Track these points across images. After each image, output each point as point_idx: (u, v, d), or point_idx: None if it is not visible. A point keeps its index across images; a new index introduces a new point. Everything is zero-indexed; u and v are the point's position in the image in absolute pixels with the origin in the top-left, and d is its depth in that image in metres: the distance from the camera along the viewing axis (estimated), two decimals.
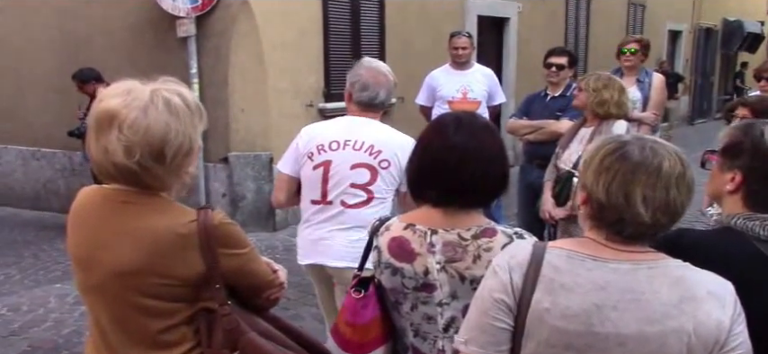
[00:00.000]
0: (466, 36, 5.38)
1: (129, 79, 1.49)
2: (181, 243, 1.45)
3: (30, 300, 4.80)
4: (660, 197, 1.26)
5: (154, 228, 1.45)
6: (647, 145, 1.29)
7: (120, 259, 1.45)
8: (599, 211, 1.30)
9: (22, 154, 7.74)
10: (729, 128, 1.69)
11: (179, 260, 1.45)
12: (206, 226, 1.47)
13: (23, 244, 6.29)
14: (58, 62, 7.02)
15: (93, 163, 1.49)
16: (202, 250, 1.46)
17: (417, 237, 1.62)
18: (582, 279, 1.27)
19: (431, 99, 5.36)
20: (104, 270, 1.47)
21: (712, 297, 1.24)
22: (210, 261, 1.47)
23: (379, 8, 7.36)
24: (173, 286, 1.46)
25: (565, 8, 10.87)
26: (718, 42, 17.79)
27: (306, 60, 6.72)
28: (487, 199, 1.66)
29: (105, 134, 1.41)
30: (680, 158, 1.29)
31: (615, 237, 1.30)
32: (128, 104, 1.41)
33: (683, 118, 15.78)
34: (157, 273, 1.45)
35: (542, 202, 3.70)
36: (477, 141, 1.60)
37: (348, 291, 1.73)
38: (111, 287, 1.47)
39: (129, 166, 1.41)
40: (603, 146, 1.33)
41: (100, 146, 1.43)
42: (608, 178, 1.27)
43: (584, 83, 3.56)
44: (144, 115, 1.41)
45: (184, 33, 6.14)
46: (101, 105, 1.45)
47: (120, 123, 1.40)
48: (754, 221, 1.50)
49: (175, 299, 1.48)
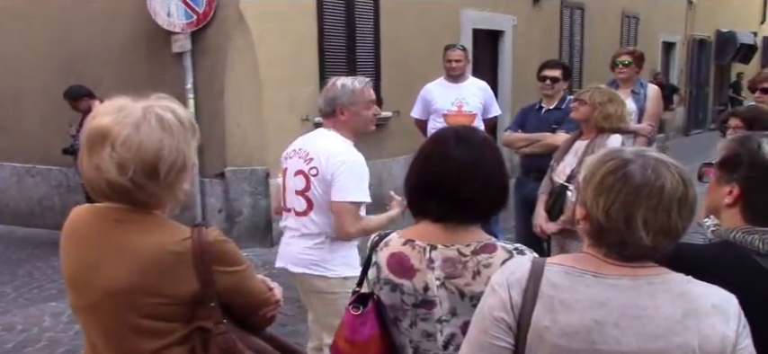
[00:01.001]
0: (460, 49, 5.40)
1: (122, 96, 1.48)
2: (175, 262, 1.43)
3: (24, 319, 4.76)
4: (661, 220, 1.24)
5: (148, 246, 1.43)
6: (649, 164, 1.26)
7: (114, 278, 1.43)
8: (598, 231, 1.28)
9: (16, 170, 7.71)
10: (726, 140, 1.69)
11: (173, 278, 1.44)
12: (201, 244, 1.45)
13: (18, 262, 6.24)
14: (53, 78, 7.01)
15: (86, 181, 1.48)
16: (197, 268, 1.44)
17: (416, 253, 1.61)
18: (581, 296, 1.25)
19: (426, 112, 5.37)
20: (98, 290, 1.45)
21: (717, 311, 1.22)
22: (205, 279, 1.45)
23: (375, 22, 7.39)
24: (167, 305, 1.44)
25: (559, 21, 10.92)
26: (712, 53, 17.90)
27: (301, 74, 6.72)
28: (488, 214, 1.65)
29: (98, 151, 1.41)
30: (682, 177, 1.26)
31: (615, 255, 1.28)
32: (120, 121, 1.41)
33: (679, 129, 15.84)
34: (151, 292, 1.43)
35: (535, 216, 3.68)
36: (477, 155, 1.60)
37: (347, 308, 1.71)
38: (105, 307, 1.45)
39: (122, 183, 1.40)
40: (604, 162, 1.30)
41: (92, 164, 1.42)
42: (609, 200, 1.25)
43: (587, 96, 3.54)
44: (136, 132, 1.40)
45: (180, 48, 6.15)
46: (93, 123, 1.45)
47: (112, 140, 1.39)
48: (753, 235, 1.49)
49: (170, 319, 1.46)
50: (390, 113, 7.60)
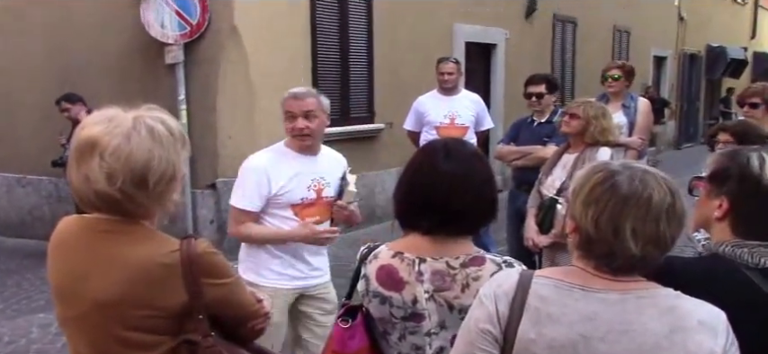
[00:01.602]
0: (453, 62, 5.42)
1: (113, 106, 1.47)
2: (164, 274, 1.42)
3: (11, 330, 4.71)
4: (650, 230, 1.24)
5: (136, 258, 1.42)
6: (636, 175, 1.27)
7: (102, 290, 1.41)
8: (587, 243, 1.28)
9: (7, 180, 7.66)
10: (716, 154, 1.70)
11: (162, 290, 1.42)
12: (189, 256, 1.44)
13: (6, 273, 6.18)
14: (46, 88, 6.98)
15: (74, 192, 1.46)
16: (186, 280, 1.43)
17: (405, 265, 1.60)
18: (569, 310, 1.25)
19: (418, 124, 5.38)
20: (85, 301, 1.43)
21: (704, 327, 1.22)
22: (194, 292, 1.44)
23: (368, 35, 7.41)
24: (155, 317, 1.43)
25: (551, 35, 11.00)
26: (703, 68, 18.06)
27: (294, 86, 6.69)
28: (477, 227, 1.65)
29: (86, 161, 1.40)
30: (669, 189, 1.27)
31: (604, 268, 1.28)
32: (110, 131, 1.40)
33: (670, 142, 15.94)
34: (140, 304, 1.41)
35: (526, 229, 3.68)
36: (466, 169, 1.60)
37: (336, 321, 1.70)
38: (93, 319, 1.44)
39: (111, 193, 1.39)
40: (593, 174, 1.31)
41: (81, 174, 1.41)
42: (597, 210, 1.25)
43: (580, 110, 3.54)
44: (127, 141, 1.39)
45: (173, 60, 6.14)
46: (82, 133, 1.43)
47: (101, 150, 1.39)
48: (742, 248, 1.50)
49: (158, 331, 1.44)
50: (383, 125, 7.62)
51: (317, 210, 2.83)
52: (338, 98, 7.20)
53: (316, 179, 2.83)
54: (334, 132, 7.12)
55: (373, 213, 7.64)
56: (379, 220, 7.58)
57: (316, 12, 6.82)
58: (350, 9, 7.18)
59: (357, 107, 7.43)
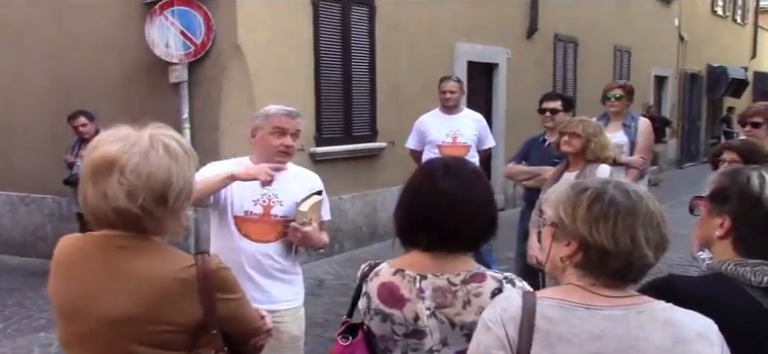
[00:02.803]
0: (455, 81, 5.44)
1: (121, 125, 1.49)
2: (181, 289, 1.43)
3: (12, 350, 4.70)
4: (656, 235, 1.29)
5: (154, 274, 1.43)
6: (627, 188, 1.33)
7: (118, 306, 1.42)
8: (600, 259, 1.29)
9: (10, 199, 7.68)
10: (716, 173, 1.71)
11: (178, 305, 1.43)
12: (205, 271, 1.46)
13: (8, 292, 6.18)
14: (49, 108, 7.03)
15: (88, 210, 1.46)
16: (201, 295, 1.45)
17: (406, 282, 1.61)
18: (577, 330, 1.25)
19: (421, 143, 5.39)
20: (99, 319, 1.43)
21: (701, 338, 1.24)
22: (208, 307, 1.45)
23: (370, 54, 7.46)
24: (171, 332, 1.44)
25: (553, 54, 11.05)
26: (704, 87, 18.11)
27: (297, 105, 6.63)
28: (476, 244, 1.66)
29: (104, 179, 1.40)
30: (650, 197, 1.34)
31: (614, 282, 1.30)
32: (127, 150, 1.42)
33: (672, 162, 15.94)
34: (157, 320, 1.42)
35: (529, 247, 3.69)
36: (465, 187, 1.61)
37: (336, 338, 1.71)
38: (105, 336, 1.43)
39: (132, 210, 1.40)
40: (580, 193, 1.33)
41: (98, 192, 1.41)
42: (610, 225, 1.28)
43: (579, 129, 3.57)
44: (145, 160, 1.41)
45: (176, 79, 6.18)
46: (97, 152, 1.43)
47: (121, 168, 1.40)
48: (745, 267, 1.50)
49: (172, 347, 1.45)
50: (385, 144, 7.64)
51: (263, 228, 2.69)
52: (341, 117, 7.23)
53: (267, 195, 2.69)
54: (336, 150, 7.16)
55: (375, 231, 7.64)
56: (382, 238, 7.57)
57: (318, 32, 6.87)
58: (352, 29, 7.24)
59: (359, 126, 7.46)
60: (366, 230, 7.62)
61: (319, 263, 6.83)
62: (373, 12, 7.43)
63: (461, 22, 8.83)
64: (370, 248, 7.32)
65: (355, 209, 7.51)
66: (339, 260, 7.00)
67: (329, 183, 8.13)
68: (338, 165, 7.24)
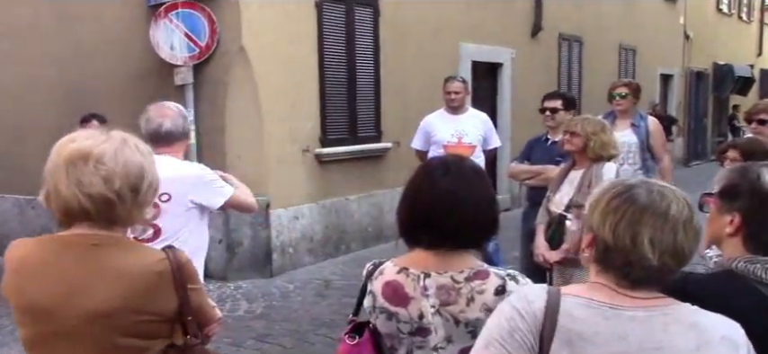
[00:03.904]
0: (460, 81, 5.44)
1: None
2: (158, 281, 1.51)
3: (19, 352, 4.70)
4: (668, 240, 1.25)
5: (131, 268, 1.49)
6: (654, 188, 1.30)
7: (99, 300, 1.46)
8: (605, 253, 1.29)
9: (18, 202, 7.72)
10: (725, 170, 1.70)
11: (158, 296, 1.51)
12: (178, 264, 1.55)
13: None
14: (56, 111, 7.06)
15: (60, 202, 1.49)
16: (176, 286, 1.53)
17: (411, 281, 1.62)
18: (601, 329, 1.24)
19: (426, 143, 5.39)
20: (81, 315, 1.47)
21: (726, 342, 1.23)
22: (182, 296, 1.55)
23: (375, 54, 7.47)
24: (151, 322, 1.52)
25: (558, 53, 11.04)
26: (710, 85, 18.05)
27: (302, 106, 6.77)
28: (478, 241, 1.67)
29: (79, 167, 1.46)
30: (687, 203, 1.29)
31: (623, 281, 1.28)
32: (101, 143, 1.49)
33: (679, 160, 15.89)
34: (139, 311, 1.49)
35: (535, 246, 3.68)
36: (465, 185, 1.62)
37: (343, 337, 1.71)
38: (88, 331, 1.48)
39: (107, 196, 1.46)
40: (611, 188, 1.33)
41: (70, 180, 1.46)
42: (615, 219, 1.27)
43: (579, 127, 3.57)
44: (121, 149, 1.50)
45: (182, 81, 6.20)
46: (71, 146, 1.49)
47: (97, 156, 1.47)
48: (755, 264, 1.49)
49: (151, 336, 1.53)
50: (390, 144, 7.65)
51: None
52: (346, 118, 7.24)
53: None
54: (342, 151, 7.17)
55: (382, 232, 7.64)
56: (388, 239, 7.58)
57: (323, 33, 6.89)
58: (357, 29, 7.25)
59: (364, 126, 7.47)
60: (372, 231, 7.63)
61: (326, 264, 6.84)
62: (377, 12, 7.44)
63: (466, 22, 8.83)
64: (377, 249, 7.32)
65: (361, 210, 7.52)
66: (345, 260, 7.01)
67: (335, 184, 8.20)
68: (344, 166, 7.25)
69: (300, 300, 5.65)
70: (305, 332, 4.90)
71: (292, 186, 6.68)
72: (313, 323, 5.07)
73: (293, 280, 6.20)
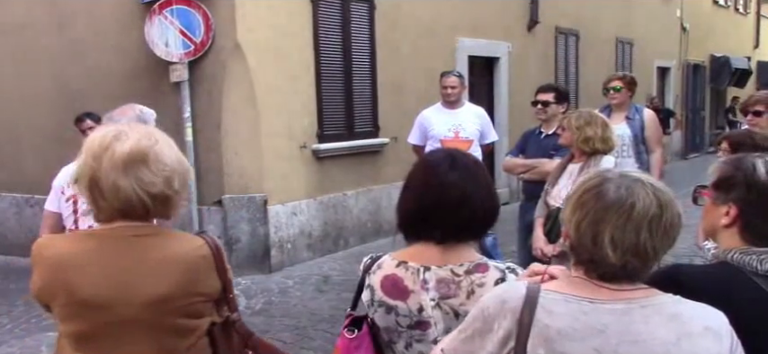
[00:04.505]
0: (456, 75, 5.43)
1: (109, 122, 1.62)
2: (204, 264, 1.64)
3: (20, 349, 4.72)
4: (629, 239, 1.23)
5: (181, 254, 1.61)
6: (624, 183, 1.26)
7: (157, 286, 1.56)
8: (572, 248, 1.29)
9: (16, 201, 7.70)
10: (719, 162, 1.70)
11: (205, 279, 1.64)
12: (216, 247, 1.69)
13: (16, 292, 6.20)
14: (52, 110, 7.05)
15: (120, 198, 1.53)
16: (217, 267, 1.67)
17: (410, 274, 1.62)
18: (579, 324, 1.23)
19: (423, 138, 5.38)
20: (139, 302, 1.55)
21: (709, 332, 1.22)
22: (223, 276, 1.69)
23: (371, 49, 7.45)
24: (200, 303, 1.64)
25: (554, 47, 11.03)
26: (707, 78, 18.05)
27: (299, 102, 6.76)
28: (481, 233, 1.67)
29: (139, 168, 1.54)
30: (659, 199, 1.25)
31: (593, 275, 1.28)
32: (154, 142, 1.57)
33: (677, 153, 15.90)
34: (191, 293, 1.61)
35: (534, 239, 3.69)
36: (472, 178, 1.63)
37: (341, 331, 1.71)
38: (146, 317, 1.56)
39: (167, 194, 1.57)
40: (588, 180, 1.32)
41: (128, 181, 1.53)
42: (580, 216, 1.26)
43: (566, 121, 3.61)
44: (170, 148, 1.60)
45: (177, 78, 6.19)
46: (124, 146, 1.53)
47: (155, 157, 1.55)
48: (750, 255, 1.49)
49: (199, 315, 1.66)
50: (387, 140, 7.64)
51: None
52: (342, 113, 7.23)
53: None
54: (339, 147, 7.16)
55: (380, 227, 7.65)
56: (387, 234, 7.57)
57: (318, 28, 6.87)
58: (353, 25, 7.23)
59: (361, 122, 7.46)
60: (371, 226, 7.63)
61: (325, 260, 6.84)
62: (373, 7, 7.42)
63: (462, 17, 8.81)
64: (375, 244, 7.33)
65: (359, 206, 7.52)
66: (344, 256, 7.01)
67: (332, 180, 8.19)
68: (341, 162, 7.25)
69: (299, 296, 5.66)
70: (304, 328, 4.91)
71: (290, 182, 6.67)
72: (312, 319, 5.07)
73: (292, 276, 6.20)
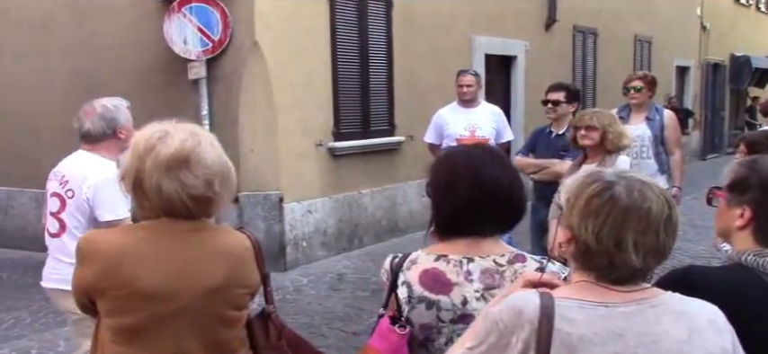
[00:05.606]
0: (472, 74, 5.42)
1: (154, 122, 1.65)
2: (248, 256, 1.72)
3: (39, 344, 4.79)
4: (650, 241, 1.24)
5: (229, 247, 1.68)
6: (634, 187, 1.26)
7: (215, 276, 1.62)
8: (586, 253, 1.27)
9: (35, 196, 7.80)
10: (733, 164, 1.69)
11: (250, 271, 1.71)
12: (256, 241, 1.76)
13: (34, 287, 6.24)
14: (71, 106, 7.08)
15: (161, 199, 1.57)
16: (257, 260, 1.74)
17: (452, 267, 1.60)
18: (598, 329, 1.22)
19: (439, 137, 5.38)
20: (196, 292, 1.60)
21: (712, 325, 1.24)
22: (262, 269, 1.75)
23: (387, 47, 7.46)
24: (245, 294, 1.71)
25: (572, 45, 10.95)
26: (727, 77, 17.82)
27: (315, 100, 6.79)
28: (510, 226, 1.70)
29: (182, 170, 1.57)
30: (666, 200, 1.27)
31: (604, 279, 1.27)
32: (197, 143, 1.60)
33: (695, 153, 15.72)
34: (238, 284, 1.68)
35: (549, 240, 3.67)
36: (509, 168, 1.68)
37: (392, 327, 1.61)
38: (201, 307, 1.61)
39: (209, 196, 1.61)
40: (588, 185, 1.29)
41: (172, 183, 1.56)
42: (598, 222, 1.24)
43: (595, 120, 3.55)
44: (213, 150, 1.64)
45: (195, 76, 6.24)
46: (167, 147, 1.57)
47: (197, 159, 1.58)
48: (764, 257, 1.49)
49: (243, 307, 1.72)
50: (403, 138, 7.64)
51: None
52: (359, 111, 7.25)
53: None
54: (355, 145, 7.18)
55: (396, 226, 7.65)
56: (402, 233, 7.59)
57: (336, 26, 6.89)
58: (369, 23, 7.24)
59: (377, 120, 7.47)
60: (386, 224, 7.64)
61: (339, 258, 6.86)
62: (390, 5, 7.42)
63: (479, 15, 8.78)
64: (390, 242, 7.34)
65: (374, 204, 7.53)
66: (359, 254, 7.03)
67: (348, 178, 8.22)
68: (357, 160, 7.26)
69: (314, 294, 5.68)
70: (318, 326, 4.93)
71: (305, 180, 6.70)
72: (326, 317, 5.09)
73: (307, 274, 6.22)
